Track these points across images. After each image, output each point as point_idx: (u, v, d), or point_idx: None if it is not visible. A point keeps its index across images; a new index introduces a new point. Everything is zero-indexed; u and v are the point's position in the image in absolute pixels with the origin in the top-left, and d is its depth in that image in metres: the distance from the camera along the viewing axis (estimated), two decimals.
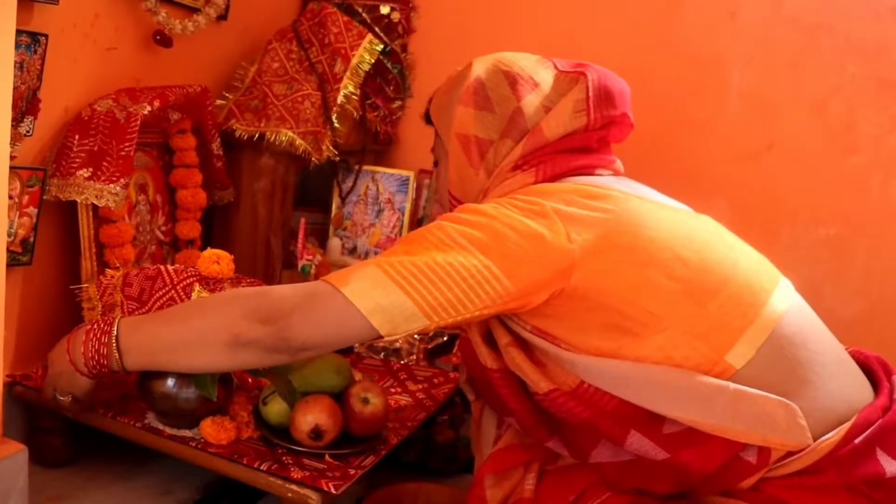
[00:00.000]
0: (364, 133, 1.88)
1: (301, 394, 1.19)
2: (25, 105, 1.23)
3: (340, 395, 1.22)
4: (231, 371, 1.21)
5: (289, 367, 1.20)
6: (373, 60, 1.76)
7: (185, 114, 1.57)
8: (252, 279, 1.57)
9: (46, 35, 1.23)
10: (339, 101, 1.71)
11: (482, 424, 1.20)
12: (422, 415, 1.37)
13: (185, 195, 1.58)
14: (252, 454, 1.16)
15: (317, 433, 1.15)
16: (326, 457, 1.16)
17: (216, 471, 1.17)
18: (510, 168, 1.10)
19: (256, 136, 1.66)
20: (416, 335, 1.61)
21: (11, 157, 1.10)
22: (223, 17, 1.65)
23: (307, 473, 1.11)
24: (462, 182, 1.14)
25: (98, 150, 1.33)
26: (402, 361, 1.60)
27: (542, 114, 1.10)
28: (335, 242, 1.91)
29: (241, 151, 1.71)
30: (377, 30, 1.89)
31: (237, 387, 1.27)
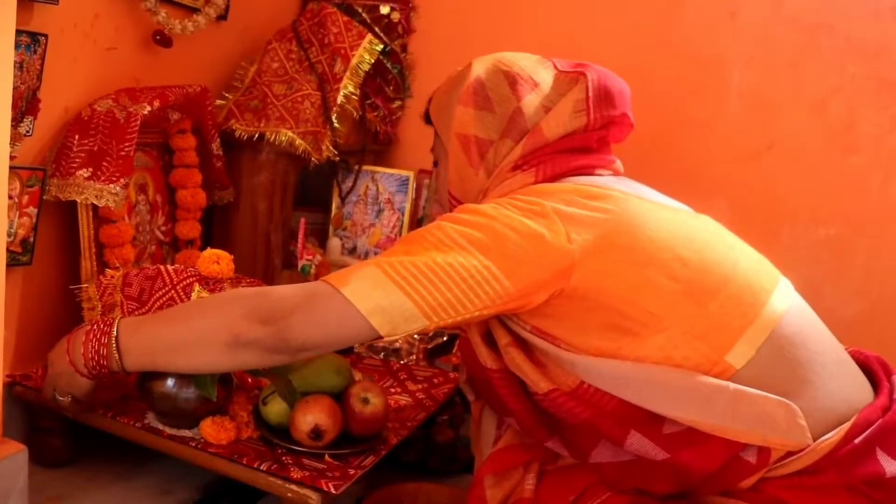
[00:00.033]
0: (364, 133, 1.88)
1: (301, 394, 1.19)
2: (25, 105, 1.23)
3: (340, 395, 1.22)
4: (231, 371, 1.21)
5: (289, 367, 1.20)
6: (372, 60, 1.76)
7: (185, 114, 1.57)
8: (252, 279, 1.57)
9: (46, 35, 1.23)
10: (339, 101, 1.71)
11: (482, 424, 1.20)
12: (422, 415, 1.37)
13: (185, 195, 1.58)
14: (252, 454, 1.16)
15: (317, 433, 1.15)
16: (326, 457, 1.16)
17: (216, 471, 1.17)
18: (510, 168, 1.09)
19: (256, 136, 1.66)
20: (416, 335, 1.61)
21: (11, 157, 1.10)
22: (223, 17, 1.65)
23: (307, 473, 1.11)
24: (462, 182, 1.14)
25: (98, 150, 1.33)
26: (402, 361, 1.60)
27: (542, 114, 1.10)
28: (335, 242, 1.91)
29: (241, 151, 1.71)
30: (377, 30, 1.89)
31: (237, 387, 1.27)
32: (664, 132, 1.70)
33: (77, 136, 1.33)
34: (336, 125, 1.70)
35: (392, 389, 1.46)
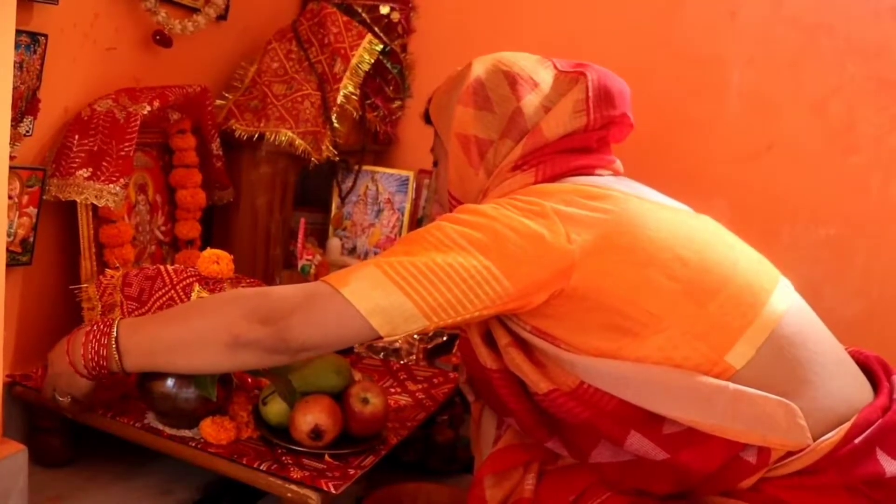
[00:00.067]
0: (364, 133, 1.88)
1: (301, 394, 1.19)
2: (25, 105, 1.23)
3: (340, 395, 1.22)
4: (231, 371, 1.21)
5: (288, 368, 1.20)
6: (372, 60, 1.76)
7: (185, 114, 1.57)
8: (252, 279, 1.57)
9: (46, 35, 1.23)
10: (339, 101, 1.71)
11: (482, 425, 1.20)
12: (421, 415, 1.37)
13: (185, 195, 1.58)
14: (252, 454, 1.16)
15: (316, 433, 1.15)
16: (326, 457, 1.16)
17: (216, 471, 1.17)
18: (510, 168, 1.09)
19: (256, 136, 1.66)
20: (416, 335, 1.61)
21: (11, 157, 1.10)
22: (223, 17, 1.65)
23: (307, 473, 1.11)
24: (462, 182, 1.14)
25: (98, 150, 1.33)
26: (402, 361, 1.60)
27: (542, 114, 1.10)
28: (335, 242, 1.91)
29: (241, 151, 1.71)
30: (377, 30, 1.89)
31: (237, 387, 1.27)
32: (664, 132, 1.70)
33: (77, 136, 1.33)
34: (336, 125, 1.70)
35: (392, 389, 1.46)
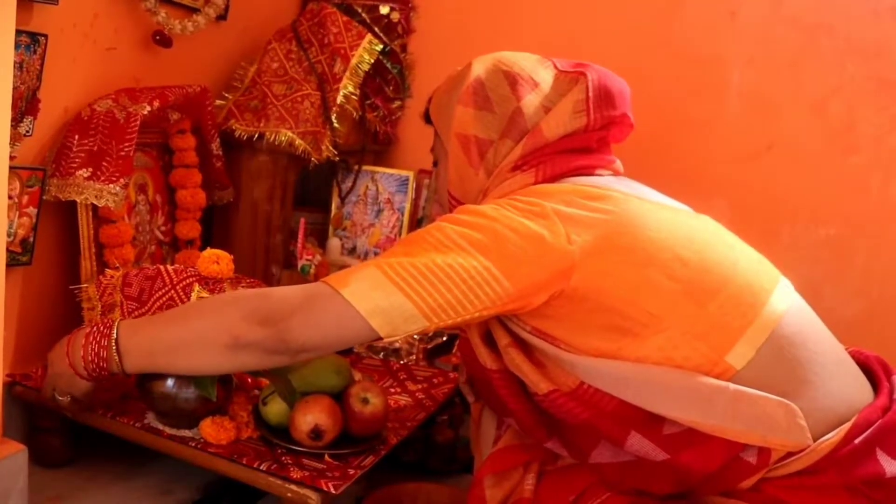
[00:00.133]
0: (363, 133, 1.88)
1: (301, 394, 1.19)
2: (25, 105, 1.23)
3: (340, 395, 1.22)
4: (231, 372, 1.21)
5: (288, 368, 1.20)
6: (372, 60, 1.76)
7: (185, 114, 1.57)
8: (252, 279, 1.57)
9: (46, 35, 1.23)
10: (339, 101, 1.71)
11: (481, 425, 1.20)
12: (421, 415, 1.37)
13: (185, 195, 1.58)
14: (252, 454, 1.16)
15: (316, 433, 1.15)
16: (326, 457, 1.16)
17: (216, 471, 1.17)
18: (510, 168, 1.09)
19: (256, 136, 1.66)
20: (416, 335, 1.61)
21: (11, 157, 1.10)
22: (223, 18, 1.65)
23: (307, 473, 1.11)
24: (462, 182, 1.14)
25: (98, 150, 1.32)
26: (402, 361, 1.60)
27: (542, 114, 1.10)
28: (335, 242, 1.91)
29: (241, 151, 1.71)
30: (377, 30, 1.89)
31: (237, 387, 1.27)
32: (664, 132, 1.70)
33: (77, 136, 1.33)
34: (336, 125, 1.70)
35: (392, 389, 1.46)
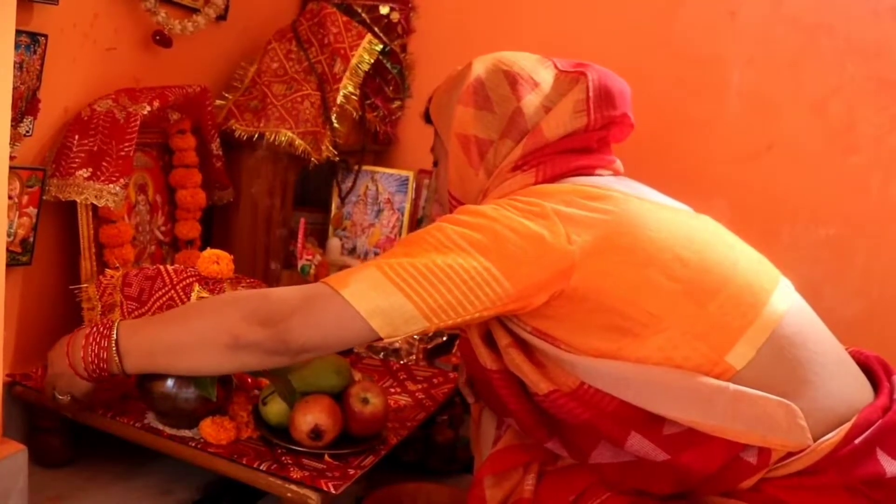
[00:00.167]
0: (363, 133, 1.88)
1: (301, 394, 1.19)
2: (25, 105, 1.23)
3: (340, 396, 1.22)
4: (231, 373, 1.21)
5: (288, 368, 1.20)
6: (372, 60, 1.76)
7: (185, 114, 1.57)
8: (252, 279, 1.57)
9: (46, 35, 1.23)
10: (339, 102, 1.71)
11: (481, 425, 1.20)
12: (421, 415, 1.37)
13: (185, 195, 1.58)
14: (252, 454, 1.16)
15: (316, 433, 1.15)
16: (326, 457, 1.16)
17: (216, 471, 1.17)
18: (510, 168, 1.09)
19: (256, 136, 1.66)
20: (416, 336, 1.61)
21: (11, 158, 1.10)
22: (222, 18, 1.65)
23: (307, 473, 1.11)
24: (462, 182, 1.14)
25: (98, 151, 1.32)
26: (402, 361, 1.60)
27: (542, 114, 1.10)
28: (335, 242, 1.91)
29: (241, 151, 1.71)
30: (376, 30, 1.89)
31: (237, 387, 1.27)
32: (664, 132, 1.70)
33: (77, 137, 1.33)
34: (336, 125, 1.70)
35: (392, 389, 1.46)
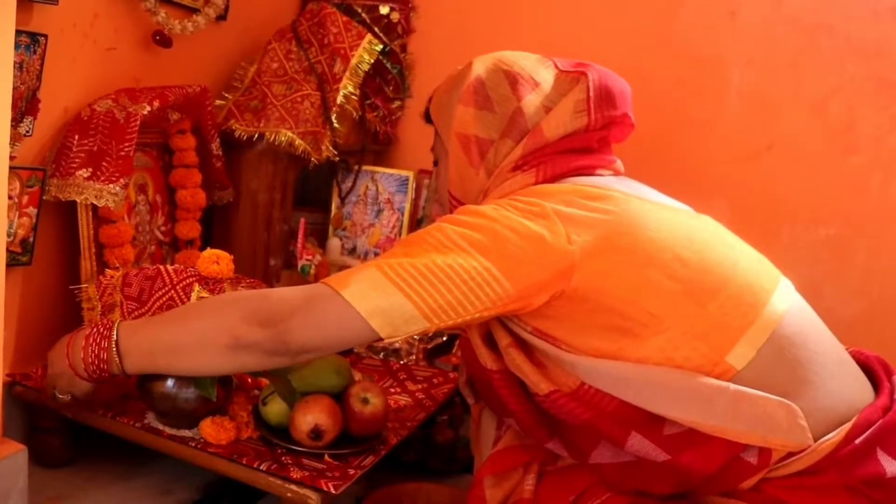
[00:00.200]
0: (363, 133, 1.88)
1: (301, 394, 1.19)
2: (25, 105, 1.23)
3: (340, 396, 1.22)
4: (231, 373, 1.21)
5: (288, 368, 1.19)
6: (372, 60, 1.76)
7: (185, 114, 1.57)
8: (252, 279, 1.57)
9: (46, 35, 1.23)
10: (339, 102, 1.71)
11: (481, 425, 1.20)
12: (421, 415, 1.37)
13: (185, 195, 1.58)
14: (252, 454, 1.16)
15: (316, 433, 1.15)
16: (326, 457, 1.16)
17: (216, 471, 1.17)
18: (510, 168, 1.09)
19: (256, 136, 1.66)
20: (416, 336, 1.61)
21: (11, 158, 1.10)
22: (222, 18, 1.65)
23: (307, 473, 1.11)
24: (462, 182, 1.14)
25: (98, 151, 1.32)
26: (402, 361, 1.60)
27: (543, 114, 1.10)
28: (335, 242, 1.91)
29: (241, 151, 1.71)
30: (376, 30, 1.89)
31: (237, 387, 1.27)
32: (664, 132, 1.70)
33: (77, 137, 1.33)
34: (336, 125, 1.70)
35: (392, 389, 1.46)
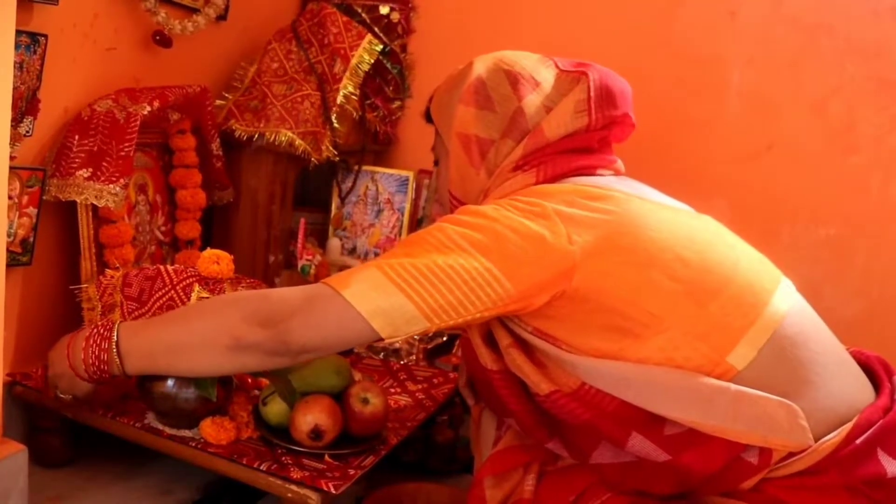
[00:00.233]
0: (363, 133, 1.88)
1: (301, 394, 1.19)
2: (25, 105, 1.22)
3: (340, 396, 1.22)
4: (232, 374, 1.21)
5: (288, 368, 1.20)
6: (372, 60, 1.76)
7: (185, 114, 1.57)
8: (252, 279, 1.57)
9: (46, 35, 1.23)
10: (339, 102, 1.71)
11: (481, 426, 1.20)
12: (421, 415, 1.37)
13: (185, 195, 1.58)
14: (252, 454, 1.16)
15: (316, 433, 1.15)
16: (326, 457, 1.16)
17: (216, 471, 1.17)
18: (511, 168, 1.09)
19: (256, 137, 1.66)
20: (416, 336, 1.61)
21: (11, 158, 1.10)
22: (223, 18, 1.65)
23: (307, 473, 1.11)
24: (463, 182, 1.14)
25: (98, 151, 1.32)
26: (402, 362, 1.60)
27: (544, 114, 1.10)
28: (335, 242, 1.91)
29: (241, 151, 1.71)
30: (376, 30, 1.89)
31: (237, 387, 1.27)
32: (664, 132, 1.70)
33: (77, 137, 1.33)
34: (336, 125, 1.70)
35: (392, 389, 1.46)
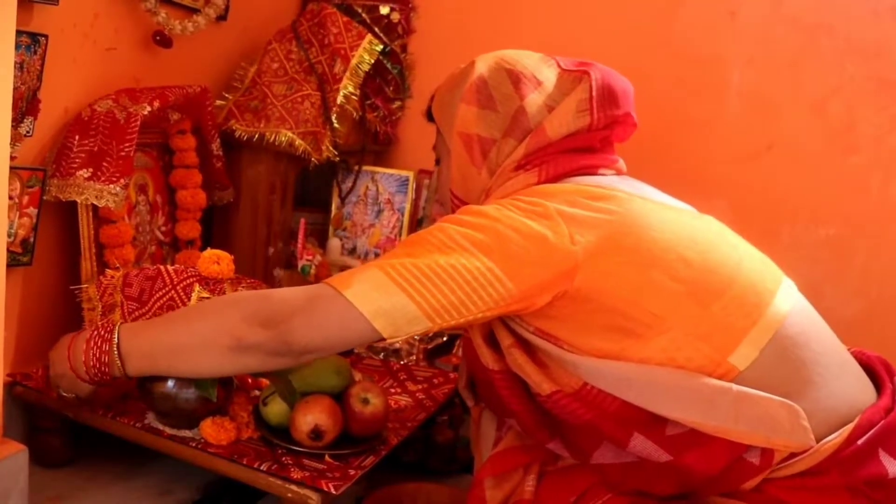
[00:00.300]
0: (364, 133, 1.88)
1: (301, 394, 1.19)
2: (25, 105, 1.22)
3: (340, 396, 1.22)
4: (233, 375, 1.20)
5: (289, 368, 1.20)
6: (372, 61, 1.76)
7: (185, 114, 1.57)
8: (252, 280, 1.57)
9: (46, 35, 1.23)
10: (339, 102, 1.71)
11: (482, 426, 1.20)
12: (421, 415, 1.37)
13: (185, 195, 1.58)
14: (252, 454, 1.16)
15: (317, 433, 1.15)
16: (326, 457, 1.16)
17: (216, 471, 1.17)
18: (513, 168, 1.09)
19: (256, 137, 1.66)
20: (417, 336, 1.61)
21: (11, 158, 1.10)
22: (223, 18, 1.65)
23: (307, 474, 1.11)
24: (464, 181, 1.14)
25: (98, 151, 1.32)
26: (402, 362, 1.60)
27: (545, 113, 1.10)
28: (335, 243, 1.91)
29: (241, 152, 1.71)
30: (377, 30, 1.89)
31: (237, 387, 1.27)
32: (664, 132, 1.70)
33: (77, 137, 1.33)
34: (336, 125, 1.70)
35: (392, 390, 1.46)
